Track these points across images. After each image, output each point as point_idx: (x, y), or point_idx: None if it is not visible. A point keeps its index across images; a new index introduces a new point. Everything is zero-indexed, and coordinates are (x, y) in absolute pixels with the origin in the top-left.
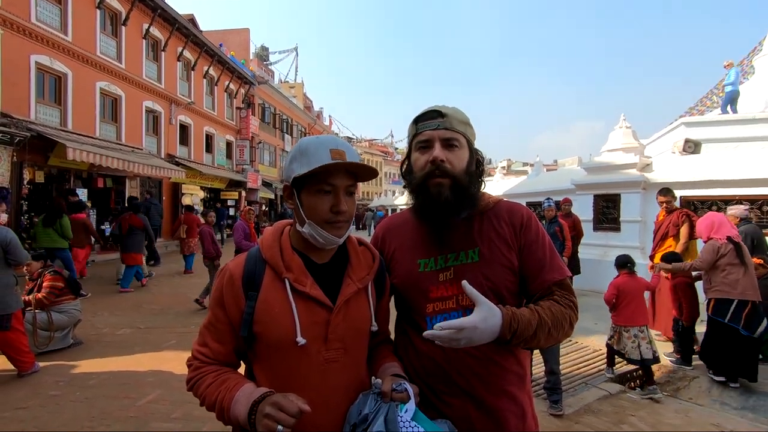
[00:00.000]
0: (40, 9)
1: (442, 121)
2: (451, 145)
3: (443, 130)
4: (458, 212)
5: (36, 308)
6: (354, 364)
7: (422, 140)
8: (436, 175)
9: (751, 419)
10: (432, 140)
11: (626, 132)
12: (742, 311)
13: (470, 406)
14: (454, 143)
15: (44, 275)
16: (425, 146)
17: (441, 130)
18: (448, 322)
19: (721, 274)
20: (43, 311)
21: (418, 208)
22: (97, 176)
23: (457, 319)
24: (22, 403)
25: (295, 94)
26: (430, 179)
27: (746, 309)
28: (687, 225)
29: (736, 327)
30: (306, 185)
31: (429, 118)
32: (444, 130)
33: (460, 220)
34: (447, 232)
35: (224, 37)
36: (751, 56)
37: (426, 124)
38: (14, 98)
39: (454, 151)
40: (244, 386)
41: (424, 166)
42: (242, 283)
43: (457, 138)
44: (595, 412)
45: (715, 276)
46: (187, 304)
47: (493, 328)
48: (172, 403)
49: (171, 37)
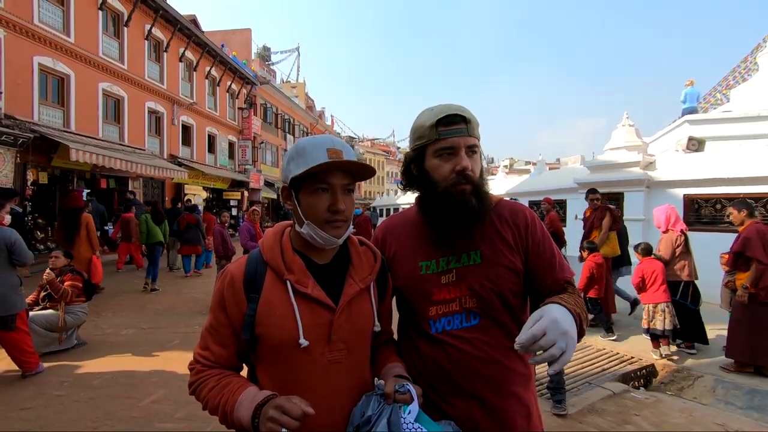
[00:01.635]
0: (42, 11)
1: (466, 128)
2: (473, 152)
3: (468, 137)
4: (482, 217)
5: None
6: (357, 365)
7: (446, 147)
8: (461, 183)
9: (757, 418)
10: (458, 148)
11: (629, 130)
12: (688, 290)
13: (475, 408)
14: (475, 149)
15: (66, 273)
16: (450, 153)
17: (466, 137)
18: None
19: (674, 260)
20: (55, 311)
21: (438, 216)
22: (100, 177)
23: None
24: (26, 403)
25: (297, 94)
26: (455, 187)
27: (690, 288)
28: (608, 218)
29: (685, 303)
30: (303, 185)
31: (453, 122)
32: (468, 137)
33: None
34: (448, 234)
35: (226, 37)
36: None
37: (450, 129)
38: (17, 100)
39: (474, 157)
40: (247, 389)
41: (449, 175)
42: (243, 286)
43: (477, 144)
44: (599, 412)
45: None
46: (190, 305)
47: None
48: (175, 403)
49: (173, 37)
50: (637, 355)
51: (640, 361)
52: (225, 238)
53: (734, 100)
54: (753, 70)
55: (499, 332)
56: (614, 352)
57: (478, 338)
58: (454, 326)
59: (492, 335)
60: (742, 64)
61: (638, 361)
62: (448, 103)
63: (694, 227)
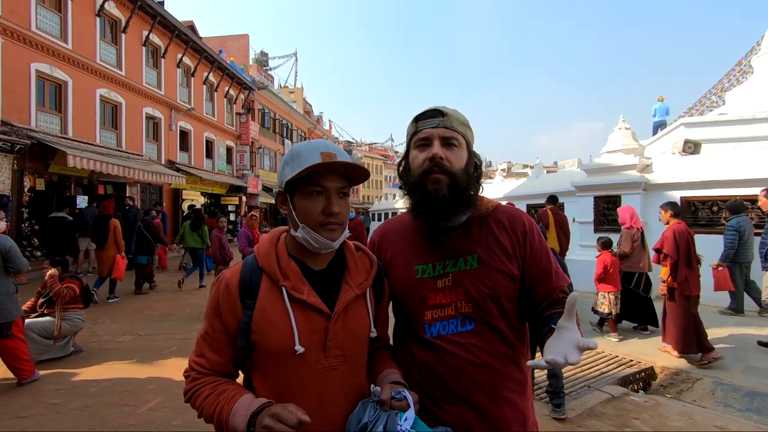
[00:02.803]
0: (40, 17)
1: (443, 120)
2: (450, 144)
3: (443, 128)
4: (455, 211)
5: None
6: (353, 372)
7: (421, 138)
8: (434, 172)
9: (756, 421)
10: (431, 138)
11: (626, 133)
12: (641, 281)
13: (470, 414)
14: (454, 142)
15: (65, 279)
16: (424, 144)
17: (441, 129)
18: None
19: (633, 254)
20: (53, 317)
21: (414, 207)
22: (98, 183)
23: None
24: (22, 411)
25: (295, 99)
26: (427, 176)
27: (643, 279)
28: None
29: (638, 291)
30: (298, 189)
31: (429, 116)
32: (444, 128)
33: (458, 225)
34: (445, 238)
35: (224, 43)
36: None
37: (426, 122)
38: (15, 106)
39: (453, 150)
40: (242, 397)
41: (423, 164)
42: (239, 292)
43: (456, 137)
44: (598, 416)
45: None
46: (188, 311)
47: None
48: (172, 410)
49: (171, 43)
50: (636, 358)
51: (639, 364)
52: (223, 243)
53: (729, 102)
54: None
55: (494, 338)
56: (613, 355)
57: (473, 343)
58: (449, 331)
59: (487, 340)
60: (736, 67)
61: (637, 364)
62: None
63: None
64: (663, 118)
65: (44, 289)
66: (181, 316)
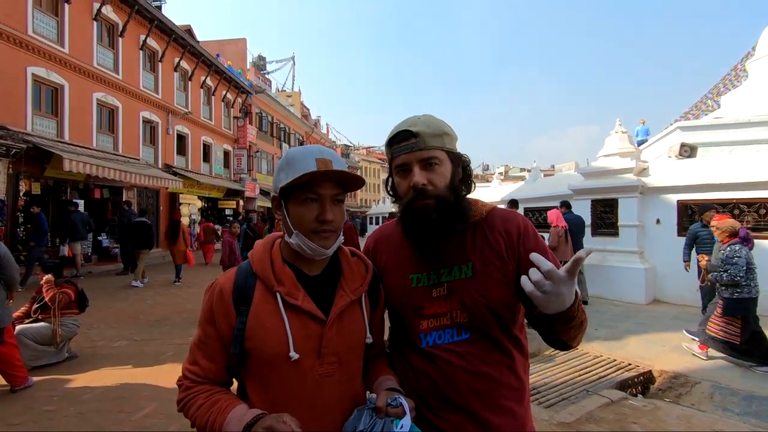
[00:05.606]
0: (36, 21)
1: (416, 142)
2: (430, 165)
3: (418, 151)
4: (448, 229)
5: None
6: (348, 379)
7: (399, 164)
8: (419, 199)
9: (754, 424)
10: (409, 164)
11: (622, 137)
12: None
13: (466, 422)
14: (433, 161)
15: (61, 284)
16: (404, 170)
17: (416, 152)
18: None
19: (559, 248)
20: (47, 323)
21: (408, 231)
22: (94, 187)
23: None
24: (15, 419)
25: (293, 102)
26: (414, 202)
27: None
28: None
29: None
30: (293, 195)
31: (402, 139)
32: (419, 151)
33: (452, 233)
34: (439, 246)
35: (221, 47)
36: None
37: (400, 146)
38: (10, 110)
39: (434, 169)
40: (235, 408)
41: (407, 192)
42: (232, 298)
43: (434, 156)
44: (597, 420)
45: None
46: (184, 315)
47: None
48: (168, 416)
49: (168, 47)
50: (635, 362)
51: (638, 368)
52: (233, 249)
53: (725, 106)
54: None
55: (490, 346)
56: (611, 359)
57: (469, 352)
58: (444, 340)
59: (483, 349)
60: (732, 71)
61: (635, 368)
62: (414, 116)
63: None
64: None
65: (39, 295)
66: (177, 321)
